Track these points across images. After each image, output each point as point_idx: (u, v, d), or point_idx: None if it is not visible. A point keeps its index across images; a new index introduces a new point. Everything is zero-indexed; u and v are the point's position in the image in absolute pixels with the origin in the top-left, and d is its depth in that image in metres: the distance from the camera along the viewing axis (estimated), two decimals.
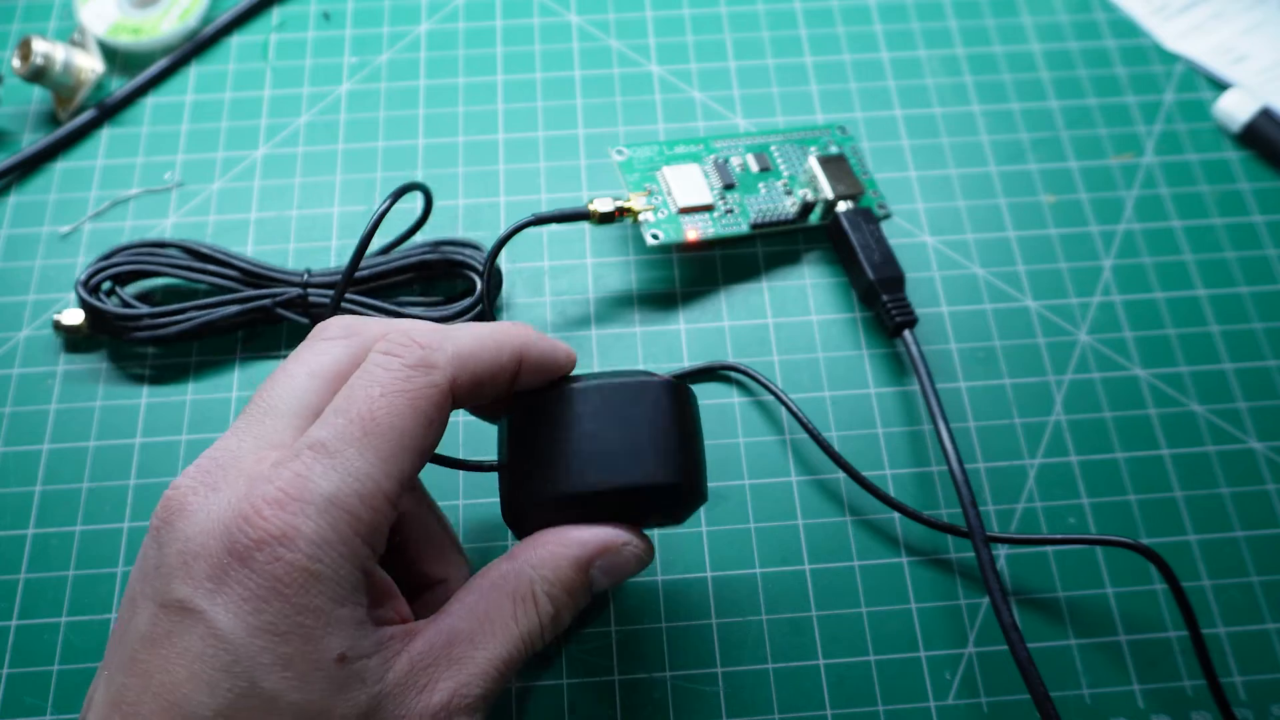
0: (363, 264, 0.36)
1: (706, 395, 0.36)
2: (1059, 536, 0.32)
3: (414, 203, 0.39)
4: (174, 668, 0.21)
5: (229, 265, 0.36)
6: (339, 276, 0.36)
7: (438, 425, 0.24)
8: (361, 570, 0.23)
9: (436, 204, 0.40)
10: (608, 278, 0.39)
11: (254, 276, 0.36)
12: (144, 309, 0.35)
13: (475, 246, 0.37)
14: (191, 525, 0.22)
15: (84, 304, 0.35)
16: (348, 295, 0.35)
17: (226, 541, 0.22)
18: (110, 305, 0.35)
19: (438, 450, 0.26)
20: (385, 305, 0.36)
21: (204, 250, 0.36)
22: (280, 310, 0.35)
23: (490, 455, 0.35)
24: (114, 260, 0.36)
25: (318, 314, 0.36)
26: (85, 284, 0.35)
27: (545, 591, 0.25)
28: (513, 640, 0.25)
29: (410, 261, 0.37)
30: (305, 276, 0.36)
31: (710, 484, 0.35)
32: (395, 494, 0.23)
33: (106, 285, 0.36)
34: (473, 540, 0.34)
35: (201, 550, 0.22)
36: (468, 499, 0.34)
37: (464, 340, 0.25)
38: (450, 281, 0.38)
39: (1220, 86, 0.43)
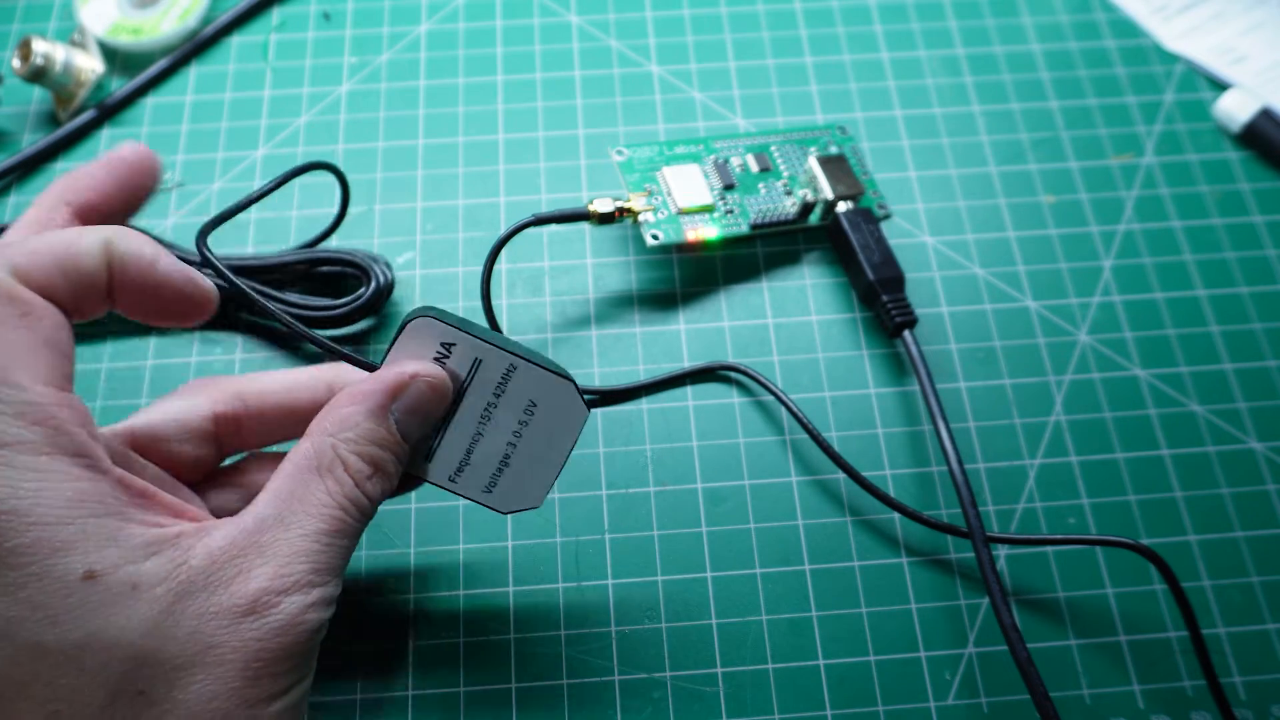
0: (261, 257, 0.37)
1: (706, 395, 0.36)
2: (1059, 537, 0.32)
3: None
4: None
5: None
6: (238, 262, 0.36)
7: (33, 317, 0.22)
8: (71, 480, 0.21)
9: (438, 204, 0.40)
10: (608, 278, 0.39)
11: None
12: None
13: (364, 255, 0.37)
14: None
15: None
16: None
17: None
18: None
19: None
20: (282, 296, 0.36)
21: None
22: None
23: None
24: None
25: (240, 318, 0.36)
26: None
27: (352, 451, 0.24)
28: (328, 510, 0.24)
29: (301, 259, 0.37)
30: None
31: (711, 484, 0.35)
32: (44, 393, 0.21)
33: None
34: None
35: None
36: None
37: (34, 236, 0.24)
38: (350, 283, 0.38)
39: (1220, 86, 0.43)
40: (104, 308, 0.25)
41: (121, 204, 0.27)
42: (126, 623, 0.21)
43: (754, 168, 0.39)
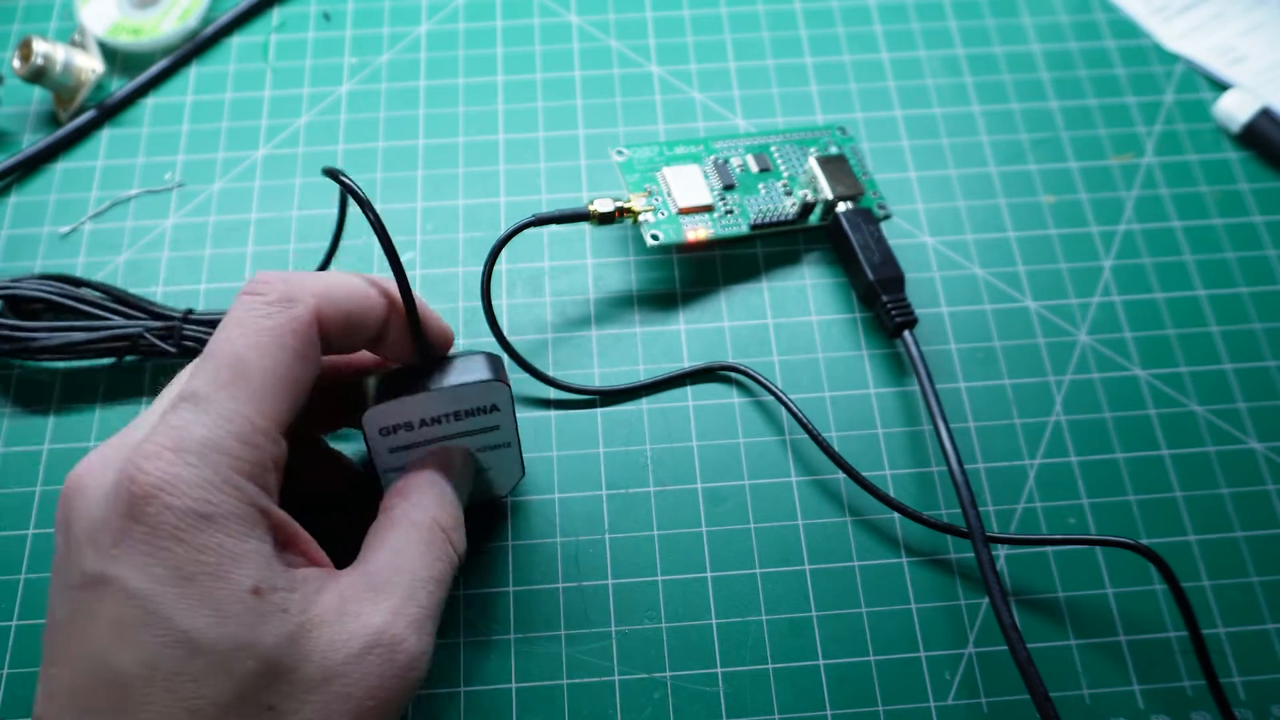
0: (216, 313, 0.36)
1: (706, 395, 0.36)
2: (1059, 537, 0.32)
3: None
4: (97, 638, 0.22)
5: (132, 305, 0.36)
6: (218, 317, 0.35)
7: (307, 358, 0.25)
8: (256, 508, 0.23)
9: (438, 204, 0.40)
10: (608, 278, 0.39)
11: (151, 315, 0.36)
12: (13, 321, 0.35)
13: None
14: (87, 503, 0.23)
15: None
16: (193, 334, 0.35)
17: (118, 506, 0.22)
18: None
19: None
20: None
21: (117, 291, 0.36)
22: (149, 338, 0.35)
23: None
24: (22, 283, 0.35)
25: (190, 347, 0.35)
26: None
27: (441, 508, 0.28)
28: (429, 559, 0.26)
29: None
30: (185, 314, 0.35)
31: (711, 484, 0.35)
32: (273, 430, 0.24)
33: None
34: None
35: (101, 522, 0.22)
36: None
37: (331, 277, 0.26)
38: None
39: (1220, 86, 0.43)
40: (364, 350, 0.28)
41: (408, 344, 0.28)
42: (276, 639, 0.22)
43: (754, 168, 0.39)
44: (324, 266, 0.37)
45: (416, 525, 0.27)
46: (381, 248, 0.27)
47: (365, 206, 0.26)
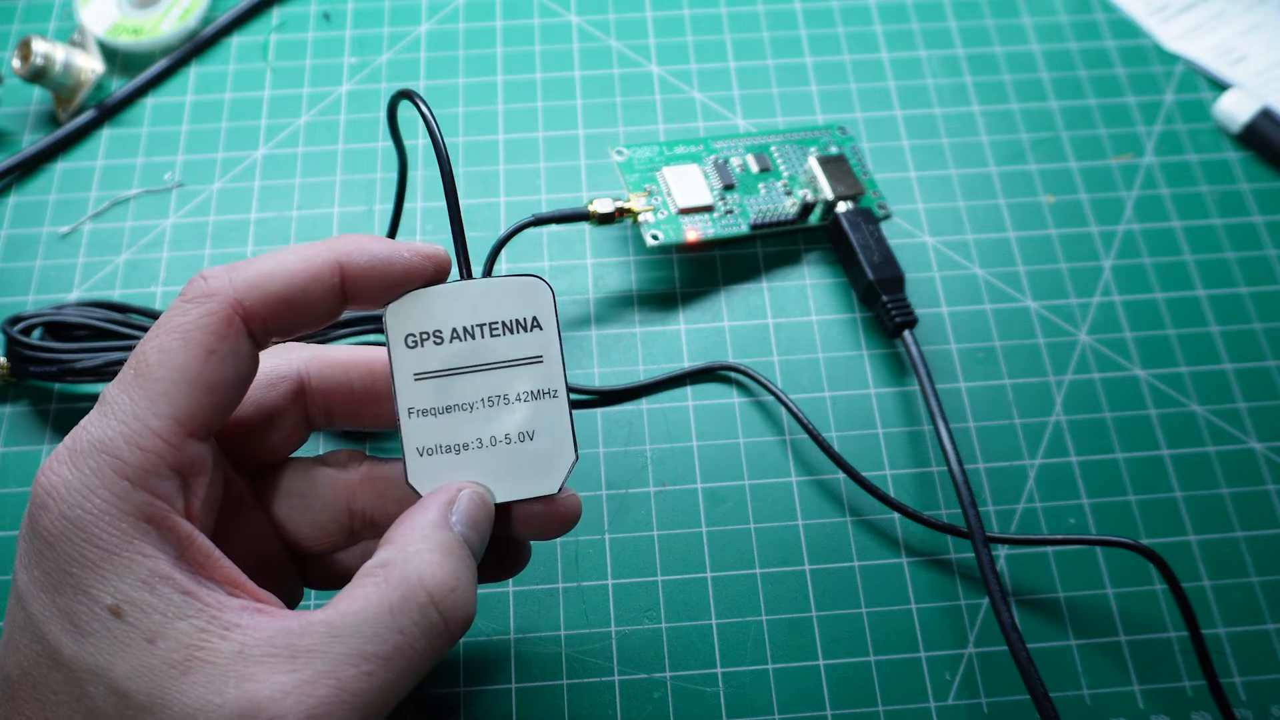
0: None
1: (706, 395, 0.36)
2: (1059, 537, 0.32)
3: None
4: (4, 640, 0.22)
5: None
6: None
7: (223, 355, 0.22)
8: (141, 516, 0.21)
9: (438, 204, 0.40)
10: (608, 278, 0.39)
11: None
12: (52, 343, 0.34)
13: None
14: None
15: (9, 341, 0.34)
16: None
17: (28, 508, 0.22)
18: (22, 337, 0.35)
19: None
20: None
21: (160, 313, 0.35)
22: None
23: None
24: (65, 310, 0.35)
25: None
26: (12, 323, 0.35)
27: (428, 562, 0.22)
28: (385, 630, 0.21)
29: None
30: None
31: (711, 484, 0.35)
32: (174, 433, 0.22)
33: (38, 333, 0.35)
34: None
35: (20, 529, 0.22)
36: None
37: (258, 262, 0.23)
38: None
39: (1220, 86, 0.43)
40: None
41: (392, 286, 0.25)
42: (131, 671, 0.20)
43: (754, 168, 0.39)
44: (397, 210, 0.36)
45: (390, 583, 0.22)
46: (439, 165, 0.26)
47: (431, 126, 0.26)
